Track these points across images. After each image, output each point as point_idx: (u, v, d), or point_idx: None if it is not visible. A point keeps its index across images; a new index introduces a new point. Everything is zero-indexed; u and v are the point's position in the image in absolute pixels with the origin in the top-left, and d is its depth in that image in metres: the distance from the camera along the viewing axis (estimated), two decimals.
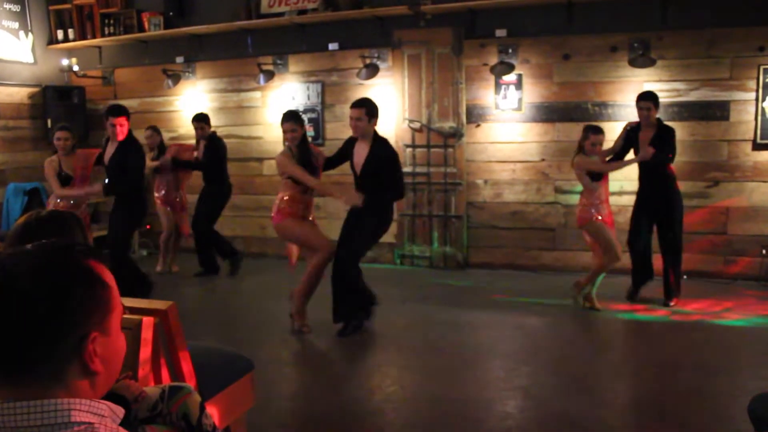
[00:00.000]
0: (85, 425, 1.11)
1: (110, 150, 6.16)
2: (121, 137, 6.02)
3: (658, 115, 6.00)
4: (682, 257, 6.02)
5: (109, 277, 1.22)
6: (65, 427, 1.10)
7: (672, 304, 5.97)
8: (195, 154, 7.59)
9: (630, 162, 5.97)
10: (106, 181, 6.21)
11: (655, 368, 4.68)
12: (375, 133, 5.42)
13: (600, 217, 5.76)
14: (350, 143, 5.54)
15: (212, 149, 7.44)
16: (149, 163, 7.36)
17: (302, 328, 5.52)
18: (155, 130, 7.89)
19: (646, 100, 5.89)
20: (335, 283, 5.43)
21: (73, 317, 1.15)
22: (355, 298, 5.49)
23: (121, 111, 6.07)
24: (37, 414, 1.10)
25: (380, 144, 5.41)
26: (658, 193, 5.94)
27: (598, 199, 5.78)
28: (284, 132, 5.52)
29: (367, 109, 5.34)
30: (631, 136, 6.03)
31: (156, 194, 7.74)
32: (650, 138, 5.86)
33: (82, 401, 1.13)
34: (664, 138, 5.85)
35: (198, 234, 7.52)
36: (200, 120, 7.47)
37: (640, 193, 6.09)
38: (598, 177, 5.78)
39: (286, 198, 5.50)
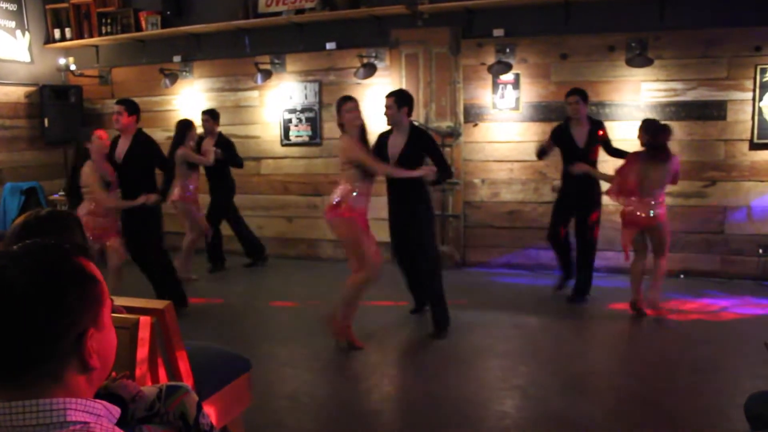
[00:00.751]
0: (81, 424, 1.12)
1: (123, 146, 5.92)
2: (118, 125, 5.89)
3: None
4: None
5: (98, 273, 1.24)
6: (61, 426, 1.10)
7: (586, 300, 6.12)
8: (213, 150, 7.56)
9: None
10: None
11: (652, 367, 4.69)
12: (411, 123, 5.45)
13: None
14: (382, 138, 5.52)
15: (226, 143, 7.58)
16: (201, 160, 7.33)
17: (355, 344, 5.16)
18: (212, 114, 7.62)
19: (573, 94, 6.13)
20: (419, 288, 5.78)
21: (72, 315, 1.16)
22: (443, 305, 5.48)
23: (123, 101, 5.93)
24: (32, 414, 1.10)
25: (417, 131, 5.45)
26: (581, 190, 6.12)
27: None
28: (347, 112, 5.02)
29: (396, 97, 5.35)
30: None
31: (186, 193, 7.27)
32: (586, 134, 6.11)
33: (77, 400, 1.14)
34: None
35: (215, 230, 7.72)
36: (209, 114, 7.58)
37: (565, 189, 6.30)
38: None
39: (355, 193, 4.96)
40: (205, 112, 7.63)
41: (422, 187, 5.40)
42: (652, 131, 5.59)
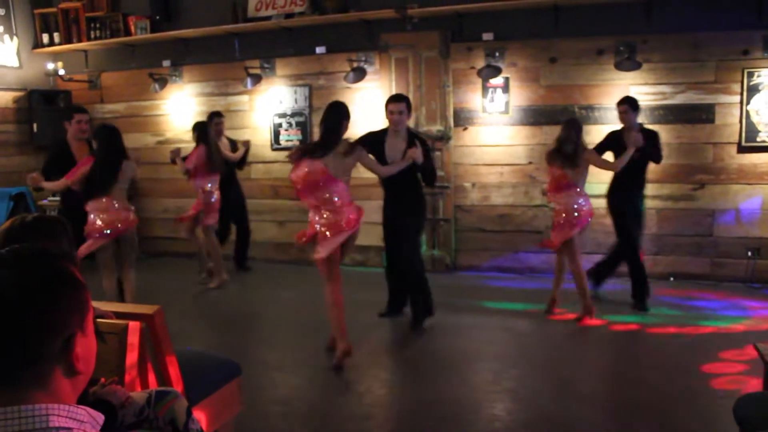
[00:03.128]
0: (64, 430, 1.11)
1: None
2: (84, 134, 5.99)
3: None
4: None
5: (82, 278, 1.24)
6: None
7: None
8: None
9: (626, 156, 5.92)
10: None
11: (642, 370, 4.70)
12: (409, 128, 5.57)
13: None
14: (374, 139, 5.50)
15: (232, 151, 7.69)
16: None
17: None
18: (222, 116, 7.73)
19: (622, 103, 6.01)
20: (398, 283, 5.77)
21: (60, 319, 1.17)
22: (426, 296, 5.62)
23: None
24: (14, 420, 1.10)
25: (415, 136, 5.53)
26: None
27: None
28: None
29: (407, 103, 5.48)
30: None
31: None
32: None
33: (60, 406, 1.13)
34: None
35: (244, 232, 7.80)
36: (221, 117, 7.64)
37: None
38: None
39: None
40: (218, 114, 7.65)
41: (420, 196, 5.56)
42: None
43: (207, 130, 7.17)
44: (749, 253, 6.78)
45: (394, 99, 5.51)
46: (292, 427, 3.93)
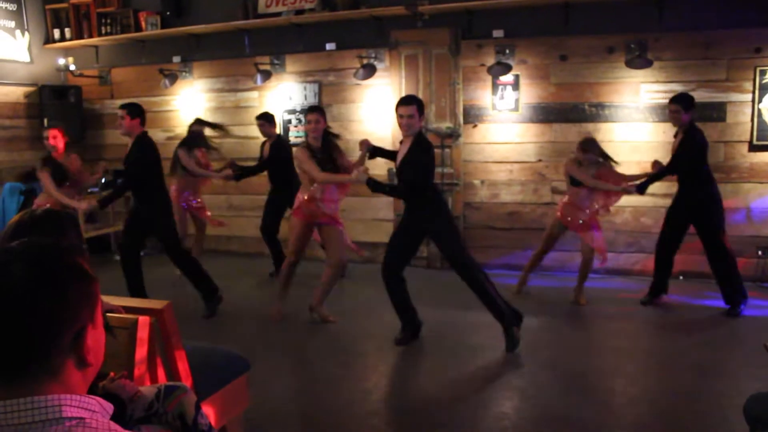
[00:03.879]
0: (76, 420, 1.12)
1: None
2: (121, 130, 5.91)
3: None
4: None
5: (91, 271, 1.26)
6: (56, 422, 1.11)
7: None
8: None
9: (609, 187, 6.03)
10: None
11: (651, 368, 4.69)
12: (420, 132, 5.16)
13: (569, 218, 6.20)
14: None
15: (276, 150, 7.29)
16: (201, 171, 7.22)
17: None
18: (266, 118, 7.35)
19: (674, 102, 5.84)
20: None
21: (72, 311, 1.18)
22: (497, 303, 5.13)
23: (125, 105, 5.93)
24: (27, 411, 1.11)
25: (419, 143, 5.09)
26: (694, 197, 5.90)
27: (580, 202, 6.12)
28: (306, 123, 5.69)
29: (418, 105, 5.06)
30: None
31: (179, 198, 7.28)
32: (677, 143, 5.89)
33: (72, 397, 1.14)
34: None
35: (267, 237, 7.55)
36: (263, 119, 7.32)
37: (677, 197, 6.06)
38: (578, 182, 6.10)
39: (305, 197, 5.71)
40: (259, 117, 7.38)
41: (428, 199, 5.15)
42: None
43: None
44: (760, 252, 6.75)
45: (401, 102, 5.12)
46: (300, 424, 3.94)
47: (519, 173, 7.53)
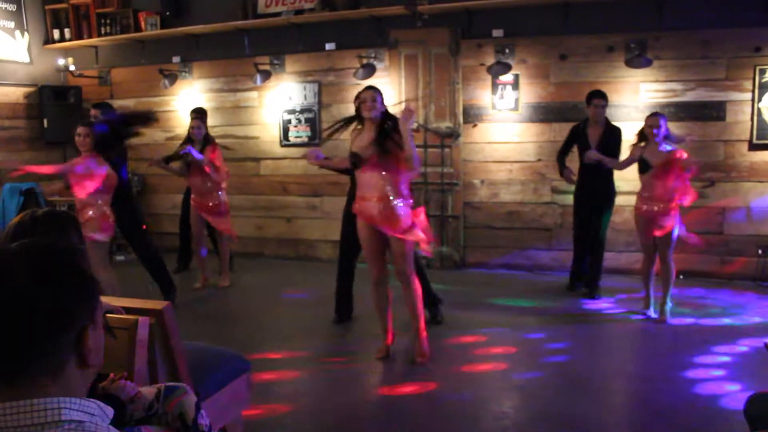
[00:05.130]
0: (75, 423, 1.12)
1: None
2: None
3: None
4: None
5: (91, 272, 1.26)
6: (55, 425, 1.11)
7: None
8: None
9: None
10: None
11: (651, 368, 4.68)
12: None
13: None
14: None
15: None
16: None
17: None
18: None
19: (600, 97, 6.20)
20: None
21: (72, 311, 1.18)
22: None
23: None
24: (26, 414, 1.11)
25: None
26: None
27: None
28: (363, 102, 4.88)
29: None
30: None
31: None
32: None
33: (71, 400, 1.14)
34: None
35: None
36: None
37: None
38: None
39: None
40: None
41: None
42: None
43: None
44: (760, 251, 6.74)
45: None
46: (300, 424, 3.93)
47: (519, 173, 7.53)
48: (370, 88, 4.80)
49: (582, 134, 6.29)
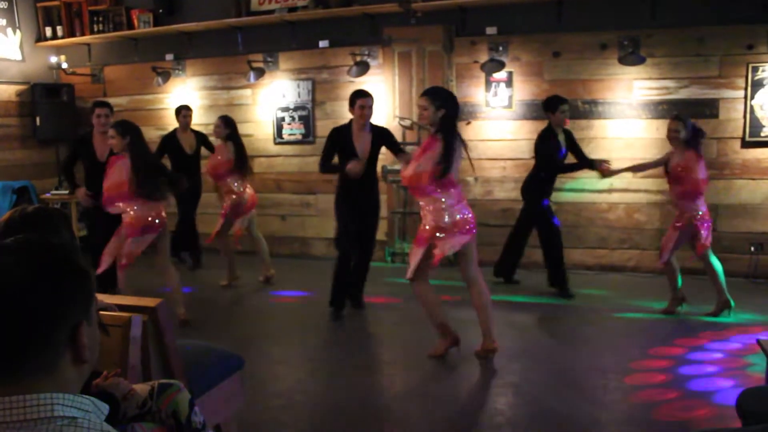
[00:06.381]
0: (68, 419, 1.12)
1: None
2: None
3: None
4: None
5: (88, 267, 1.25)
6: (48, 422, 1.10)
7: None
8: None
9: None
10: None
11: (645, 365, 4.69)
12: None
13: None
14: (339, 136, 5.70)
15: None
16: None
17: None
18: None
19: None
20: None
21: (67, 307, 1.18)
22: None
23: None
24: (18, 409, 1.10)
25: (377, 126, 5.90)
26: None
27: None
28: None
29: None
30: None
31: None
32: None
33: (65, 396, 1.14)
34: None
35: None
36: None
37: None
38: None
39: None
40: (186, 107, 7.71)
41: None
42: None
43: (235, 125, 6.98)
44: (752, 249, 6.77)
45: (364, 94, 5.69)
46: (294, 421, 3.93)
47: (512, 170, 7.53)
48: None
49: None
